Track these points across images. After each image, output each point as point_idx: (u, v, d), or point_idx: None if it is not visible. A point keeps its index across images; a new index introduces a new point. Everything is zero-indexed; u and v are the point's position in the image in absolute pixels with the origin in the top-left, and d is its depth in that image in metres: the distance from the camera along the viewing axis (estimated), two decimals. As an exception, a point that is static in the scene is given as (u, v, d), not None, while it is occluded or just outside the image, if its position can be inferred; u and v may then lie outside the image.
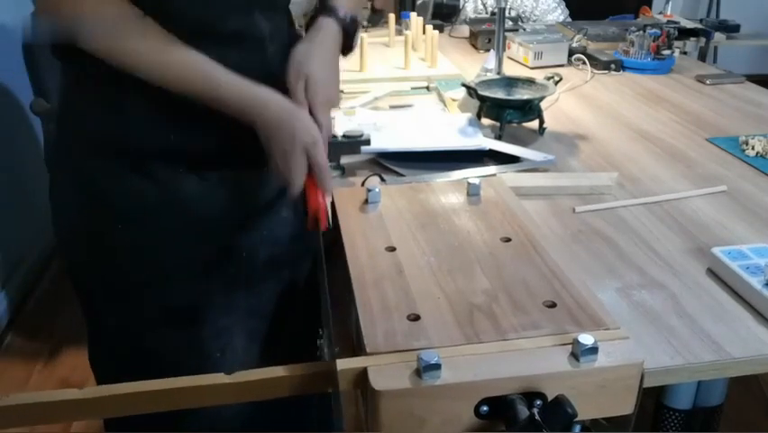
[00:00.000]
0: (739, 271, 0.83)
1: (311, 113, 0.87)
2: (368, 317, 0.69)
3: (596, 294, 0.75)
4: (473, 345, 0.66)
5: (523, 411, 0.60)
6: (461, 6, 2.43)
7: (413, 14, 2.03)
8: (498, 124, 1.33)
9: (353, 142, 1.15)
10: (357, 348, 0.70)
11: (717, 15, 3.85)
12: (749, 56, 4.14)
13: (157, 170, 0.88)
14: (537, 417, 0.59)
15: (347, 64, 1.76)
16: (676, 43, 1.98)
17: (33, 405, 0.65)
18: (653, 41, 1.87)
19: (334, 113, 1.41)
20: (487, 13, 2.43)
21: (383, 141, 1.21)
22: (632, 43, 1.89)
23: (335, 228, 0.91)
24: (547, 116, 1.39)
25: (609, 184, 1.12)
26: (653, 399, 1.43)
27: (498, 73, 1.59)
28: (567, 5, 2.56)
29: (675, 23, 2.18)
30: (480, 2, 2.48)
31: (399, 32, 1.99)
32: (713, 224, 1.02)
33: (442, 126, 1.34)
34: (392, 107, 1.53)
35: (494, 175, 1.13)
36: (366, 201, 0.93)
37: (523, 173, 1.17)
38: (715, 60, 3.57)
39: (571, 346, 0.65)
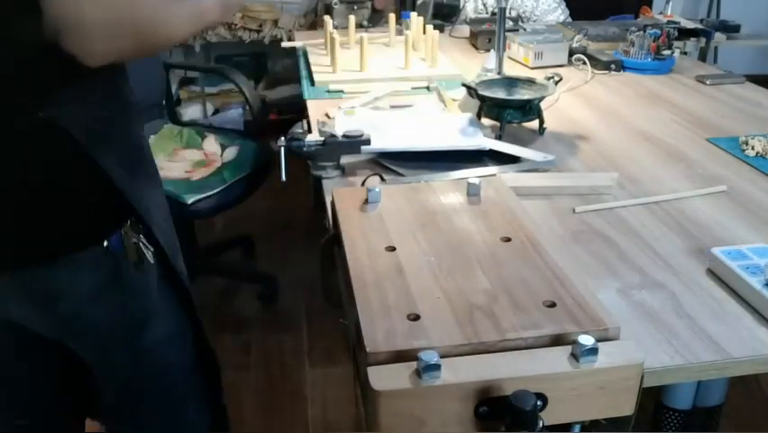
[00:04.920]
0: (739, 271, 0.83)
1: None
2: (368, 316, 0.69)
3: (596, 294, 0.74)
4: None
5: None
6: (461, 6, 2.43)
7: (413, 14, 2.03)
8: (498, 124, 1.33)
9: (353, 142, 1.15)
10: (356, 348, 0.70)
11: (718, 15, 3.84)
12: (749, 56, 4.14)
13: None
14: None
15: (347, 64, 1.77)
16: (676, 43, 1.98)
17: None
18: (654, 42, 1.87)
19: (335, 113, 1.41)
20: (487, 13, 2.43)
21: (383, 141, 1.21)
22: (632, 43, 1.89)
23: (335, 228, 0.91)
24: (547, 116, 1.39)
25: (609, 184, 1.12)
26: (653, 399, 1.43)
27: (499, 73, 1.59)
28: (567, 5, 2.56)
29: (675, 23, 2.18)
30: (480, 2, 2.48)
31: (400, 32, 1.99)
32: (713, 224, 1.02)
33: (442, 126, 1.34)
34: (392, 107, 1.53)
35: (494, 175, 1.13)
36: (366, 201, 0.93)
37: (523, 173, 1.17)
38: (715, 60, 3.57)
39: (571, 347, 0.65)
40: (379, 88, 1.61)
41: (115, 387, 0.99)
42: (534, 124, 1.37)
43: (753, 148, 1.28)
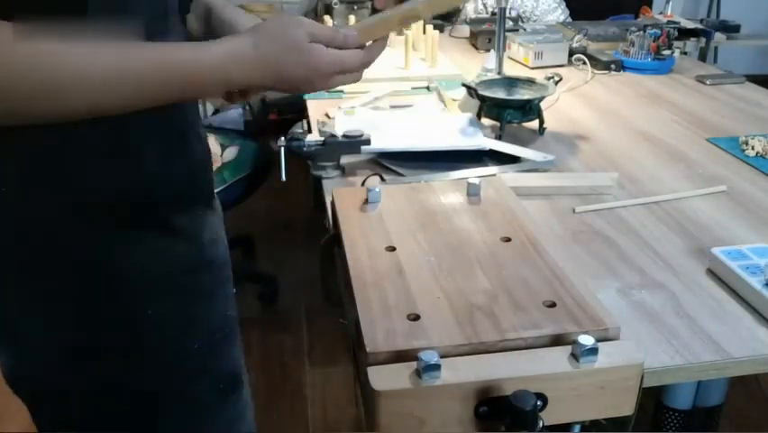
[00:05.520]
0: (739, 271, 0.83)
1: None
2: (368, 316, 0.69)
3: (596, 294, 0.74)
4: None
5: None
6: (461, 6, 2.43)
7: (413, 14, 2.03)
8: (498, 124, 1.33)
9: (353, 142, 1.15)
10: (356, 348, 0.70)
11: (718, 15, 3.85)
12: (749, 56, 4.14)
13: (177, 219, 0.73)
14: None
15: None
16: (676, 43, 1.98)
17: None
18: (654, 42, 1.87)
19: (335, 113, 1.41)
20: (487, 13, 2.43)
21: (383, 141, 1.21)
22: (632, 43, 1.89)
23: (335, 228, 0.91)
24: (547, 116, 1.39)
25: (609, 184, 1.12)
26: (653, 399, 1.43)
27: (499, 73, 1.59)
28: (567, 5, 2.56)
29: (675, 23, 2.18)
30: (480, 2, 2.48)
31: (400, 32, 1.99)
32: (713, 224, 1.02)
33: (442, 126, 1.34)
34: (392, 107, 1.53)
35: (494, 175, 1.13)
36: (366, 201, 0.93)
37: (523, 173, 1.17)
38: (715, 61, 3.57)
39: (571, 347, 0.65)
40: (379, 88, 1.61)
41: None
42: (534, 124, 1.37)
43: (753, 148, 1.28)
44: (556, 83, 1.42)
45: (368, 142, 1.14)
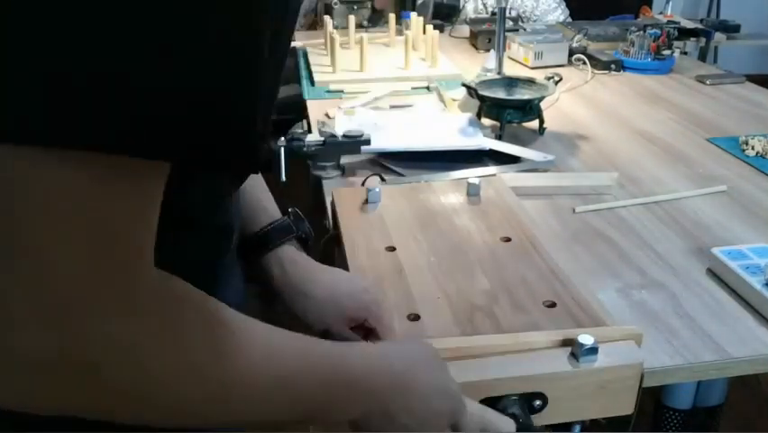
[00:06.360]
0: (739, 271, 0.83)
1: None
2: (368, 317, 0.69)
3: (596, 294, 0.75)
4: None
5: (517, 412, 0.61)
6: (461, 6, 2.43)
7: (413, 14, 2.03)
8: (498, 123, 1.33)
9: (353, 142, 1.15)
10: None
11: (718, 15, 3.85)
12: (749, 56, 4.14)
13: None
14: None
15: (347, 64, 1.77)
16: (676, 43, 1.98)
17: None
18: (654, 42, 1.87)
19: (335, 113, 1.41)
20: (487, 13, 2.43)
21: (383, 141, 1.21)
22: (632, 43, 1.89)
23: (335, 228, 0.91)
24: (547, 116, 1.39)
25: (609, 184, 1.12)
26: (653, 399, 1.43)
27: (499, 73, 1.59)
28: (567, 5, 2.56)
29: (675, 23, 2.18)
30: (480, 2, 2.48)
31: (400, 32, 1.99)
32: (713, 224, 1.02)
33: (442, 126, 1.34)
34: (392, 107, 1.53)
35: (494, 175, 1.13)
36: (366, 201, 0.93)
37: (523, 173, 1.17)
38: (715, 60, 3.57)
39: (570, 347, 0.65)
40: (379, 88, 1.61)
41: None
42: (534, 124, 1.37)
43: (753, 148, 1.28)
44: (556, 83, 1.42)
45: (368, 142, 1.14)
